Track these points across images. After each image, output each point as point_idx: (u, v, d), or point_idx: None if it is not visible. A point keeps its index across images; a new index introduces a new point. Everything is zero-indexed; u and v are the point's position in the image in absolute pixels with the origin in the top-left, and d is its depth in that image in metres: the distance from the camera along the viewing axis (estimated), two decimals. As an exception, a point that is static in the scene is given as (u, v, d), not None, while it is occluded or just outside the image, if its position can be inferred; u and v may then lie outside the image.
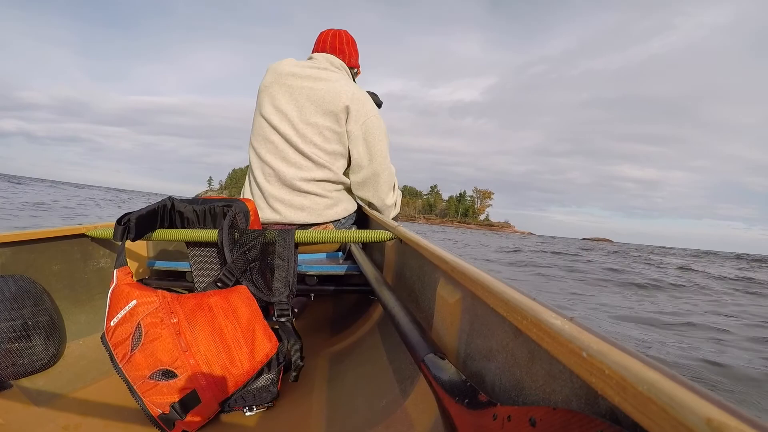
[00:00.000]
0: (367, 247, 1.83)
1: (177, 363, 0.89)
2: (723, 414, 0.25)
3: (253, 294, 1.08)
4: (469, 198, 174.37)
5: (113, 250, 1.50)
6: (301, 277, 1.47)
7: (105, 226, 1.43)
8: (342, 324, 1.61)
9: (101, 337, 0.93)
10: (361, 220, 1.90)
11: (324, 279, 1.50)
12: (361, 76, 2.06)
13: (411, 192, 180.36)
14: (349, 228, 1.80)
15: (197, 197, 1.29)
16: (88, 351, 1.25)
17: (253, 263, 1.14)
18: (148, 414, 0.89)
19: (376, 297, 1.09)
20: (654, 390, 0.28)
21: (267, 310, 1.13)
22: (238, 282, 1.11)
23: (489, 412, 0.48)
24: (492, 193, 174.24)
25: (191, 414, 0.89)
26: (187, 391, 0.89)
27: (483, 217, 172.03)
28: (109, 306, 0.94)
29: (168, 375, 0.89)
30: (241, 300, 1.03)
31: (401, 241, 1.20)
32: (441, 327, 0.83)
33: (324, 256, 1.72)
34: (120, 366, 0.90)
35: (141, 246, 1.62)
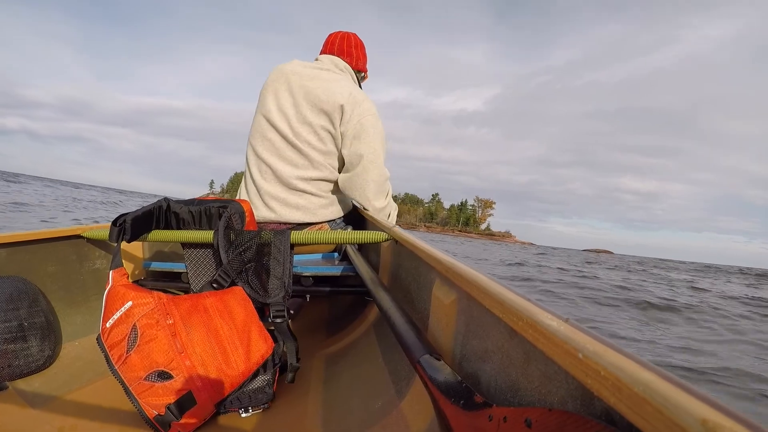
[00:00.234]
0: (363, 248, 1.83)
1: (173, 364, 0.89)
2: (718, 415, 0.25)
3: (249, 295, 1.08)
4: (471, 207, 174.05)
5: (109, 251, 1.50)
6: (297, 278, 1.47)
7: (101, 227, 1.42)
8: (338, 325, 1.61)
9: (97, 339, 0.93)
10: (357, 220, 1.90)
11: (320, 280, 1.50)
12: (368, 81, 2.04)
13: (412, 200, 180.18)
14: (345, 228, 1.81)
15: (194, 199, 1.29)
16: (83, 352, 1.25)
17: (249, 264, 1.14)
18: (143, 415, 0.89)
19: (371, 298, 1.09)
20: (649, 391, 0.28)
21: (263, 311, 1.13)
22: (233, 283, 1.11)
23: (485, 413, 0.48)
24: (493, 203, 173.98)
25: (187, 415, 0.89)
26: (183, 393, 0.88)
27: (484, 227, 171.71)
28: (105, 307, 0.94)
29: (164, 376, 0.88)
30: (237, 301, 1.03)
31: (397, 242, 1.20)
32: (437, 328, 0.83)
33: (320, 257, 1.72)
34: (116, 367, 0.90)
35: (137, 247, 1.62)
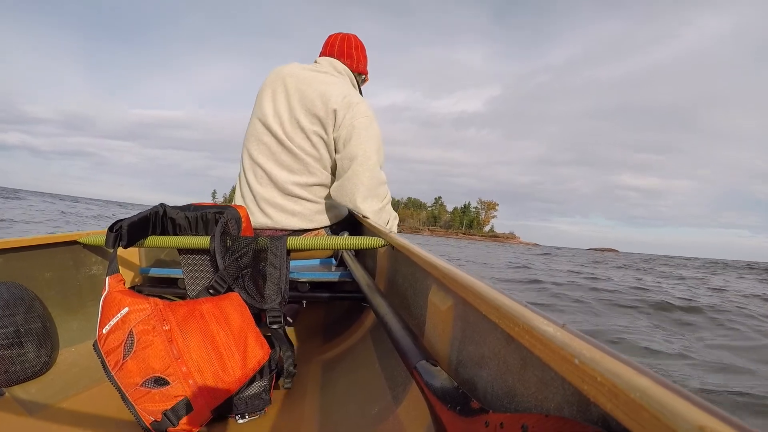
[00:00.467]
0: (360, 254, 1.83)
1: (169, 370, 0.89)
2: (715, 422, 0.25)
3: (246, 301, 1.08)
4: (474, 209, 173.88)
5: (105, 257, 1.49)
6: (293, 284, 1.47)
7: (97, 233, 1.42)
8: (334, 331, 1.61)
9: (93, 345, 0.93)
10: (354, 226, 1.90)
11: (316, 286, 1.50)
12: (367, 85, 2.00)
13: (415, 204, 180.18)
14: (341, 234, 1.80)
15: (190, 204, 1.29)
16: (80, 358, 1.24)
17: (245, 270, 1.14)
18: (140, 422, 0.89)
19: (368, 304, 1.09)
20: (646, 397, 0.28)
21: (259, 317, 1.13)
22: (230, 289, 1.11)
23: (481, 419, 0.48)
24: (497, 204, 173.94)
25: (183, 422, 0.88)
26: (180, 399, 0.88)
27: (488, 229, 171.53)
28: (102, 313, 0.94)
29: (160, 382, 0.88)
30: (233, 307, 1.03)
31: (393, 248, 1.20)
32: (433, 334, 0.83)
33: (316, 262, 1.72)
34: (112, 373, 0.89)
35: (133, 253, 1.62)
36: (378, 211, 1.68)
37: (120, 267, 1.18)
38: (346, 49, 1.84)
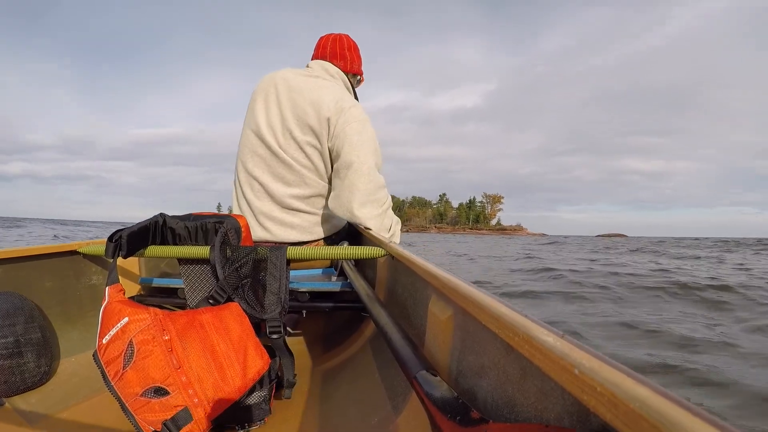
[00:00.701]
0: (359, 264, 1.83)
1: (169, 380, 0.89)
2: None
3: (245, 311, 1.08)
4: (479, 204, 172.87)
5: (105, 267, 1.49)
6: (293, 294, 1.47)
7: (97, 243, 1.42)
8: (334, 341, 1.61)
9: (93, 355, 0.93)
10: (353, 236, 1.90)
11: (316, 296, 1.50)
12: (363, 89, 1.95)
13: (420, 202, 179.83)
14: (341, 244, 1.80)
15: (190, 214, 1.30)
16: (80, 368, 1.24)
17: (245, 280, 1.14)
18: None
19: (368, 314, 1.09)
20: (645, 407, 0.28)
21: (259, 326, 1.13)
22: (230, 299, 1.11)
23: (481, 429, 0.48)
24: (502, 197, 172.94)
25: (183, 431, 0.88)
26: (179, 409, 0.88)
27: (495, 222, 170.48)
28: (101, 323, 0.94)
29: (160, 392, 0.88)
30: (233, 317, 1.03)
31: (393, 258, 1.20)
32: (433, 344, 0.83)
33: (316, 272, 1.72)
34: (112, 383, 0.89)
35: (133, 263, 1.62)
36: (378, 217, 1.62)
37: (120, 277, 1.18)
38: (338, 51, 1.80)
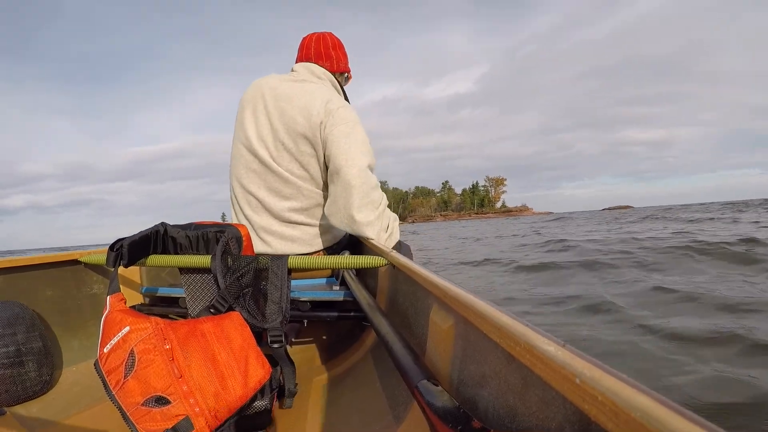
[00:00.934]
0: (360, 273, 1.83)
1: (170, 389, 0.89)
2: None
3: (247, 320, 1.09)
4: (483, 188, 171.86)
5: (106, 276, 1.50)
6: (295, 303, 1.47)
7: (98, 252, 1.43)
8: (335, 350, 1.61)
9: (95, 364, 0.93)
10: (354, 245, 1.91)
11: (317, 305, 1.50)
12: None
13: (423, 192, 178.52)
14: (342, 254, 1.80)
15: (191, 223, 1.30)
16: (81, 377, 1.24)
17: (247, 289, 1.14)
18: None
19: (369, 323, 1.10)
20: (646, 417, 0.28)
21: (260, 336, 1.13)
22: (231, 308, 1.12)
23: None
24: (504, 180, 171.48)
25: (184, 441, 0.88)
26: (180, 418, 0.88)
27: (499, 205, 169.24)
28: (103, 332, 0.94)
29: (161, 402, 0.88)
30: (234, 326, 1.04)
31: (394, 267, 1.20)
32: (434, 353, 0.83)
33: (317, 282, 1.72)
34: (113, 393, 0.90)
35: (134, 272, 1.62)
36: (377, 220, 1.56)
37: (121, 286, 1.18)
38: (323, 50, 1.75)
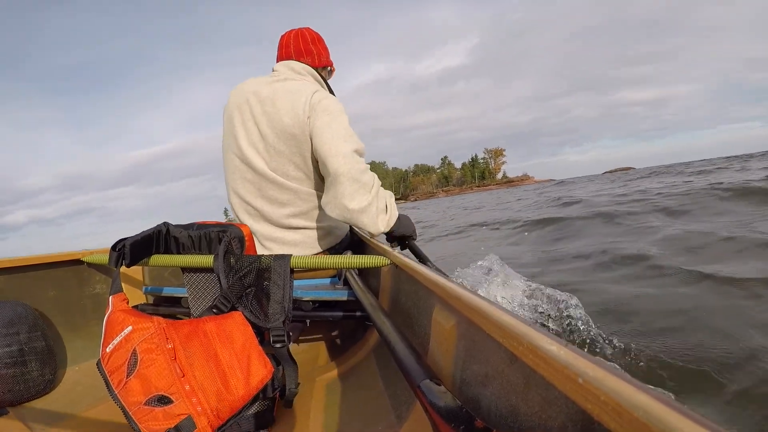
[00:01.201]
0: (363, 273, 1.83)
1: (172, 389, 0.89)
2: None
3: (249, 320, 1.08)
4: (482, 160, 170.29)
5: (109, 276, 1.50)
6: (297, 303, 1.47)
7: (100, 251, 1.43)
8: (338, 350, 1.61)
9: (97, 363, 0.93)
10: (356, 245, 1.91)
11: (320, 305, 1.50)
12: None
13: (423, 169, 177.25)
14: (345, 254, 1.80)
15: (193, 223, 1.30)
16: (84, 377, 1.25)
17: (249, 289, 1.14)
18: None
19: (371, 323, 1.09)
20: (649, 416, 0.28)
21: (263, 335, 1.13)
22: (233, 308, 1.12)
23: None
24: (503, 150, 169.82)
25: (186, 441, 0.88)
26: (183, 417, 0.89)
27: (500, 176, 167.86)
28: (105, 332, 0.95)
29: (163, 401, 0.89)
30: (236, 326, 1.04)
31: (397, 267, 1.20)
32: (437, 353, 0.83)
33: (320, 281, 1.72)
34: (116, 392, 0.90)
35: (137, 272, 1.63)
36: (371, 203, 1.48)
37: (123, 286, 1.19)
38: (303, 47, 1.70)
